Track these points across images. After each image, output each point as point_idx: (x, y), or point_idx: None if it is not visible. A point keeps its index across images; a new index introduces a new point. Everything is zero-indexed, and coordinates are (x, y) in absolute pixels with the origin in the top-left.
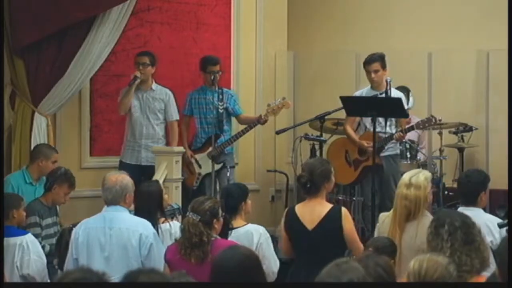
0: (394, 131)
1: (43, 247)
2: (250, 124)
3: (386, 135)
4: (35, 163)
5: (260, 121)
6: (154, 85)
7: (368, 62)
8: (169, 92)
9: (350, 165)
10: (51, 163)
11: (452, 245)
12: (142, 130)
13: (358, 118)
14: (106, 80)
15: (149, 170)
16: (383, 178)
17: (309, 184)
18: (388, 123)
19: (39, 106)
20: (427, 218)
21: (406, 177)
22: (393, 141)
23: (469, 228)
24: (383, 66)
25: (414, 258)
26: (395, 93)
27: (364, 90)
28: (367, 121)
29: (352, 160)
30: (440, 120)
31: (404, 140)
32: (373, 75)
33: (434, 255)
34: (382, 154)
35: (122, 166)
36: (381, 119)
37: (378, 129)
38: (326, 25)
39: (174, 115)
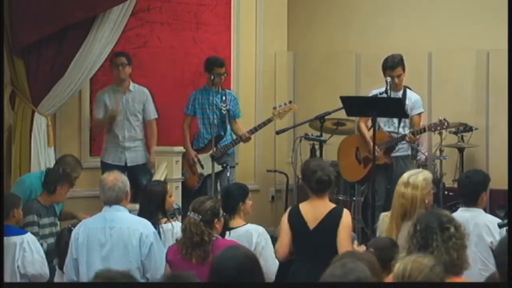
0: (407, 132)
1: (40, 245)
2: (235, 139)
3: (398, 136)
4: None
5: (242, 138)
6: (131, 86)
7: (392, 67)
8: (147, 92)
9: (359, 163)
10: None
11: (408, 248)
12: (124, 133)
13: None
14: (106, 80)
15: (135, 170)
16: (392, 178)
17: (327, 184)
18: (401, 124)
19: (39, 106)
20: None
21: (405, 176)
22: (404, 142)
23: (429, 233)
24: (404, 69)
25: (400, 260)
26: (412, 96)
27: (379, 91)
28: (381, 120)
29: (362, 158)
30: (447, 123)
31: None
32: (396, 80)
33: (419, 257)
34: (393, 154)
35: (106, 167)
36: (395, 119)
37: (391, 129)
38: (326, 25)
39: (152, 114)
